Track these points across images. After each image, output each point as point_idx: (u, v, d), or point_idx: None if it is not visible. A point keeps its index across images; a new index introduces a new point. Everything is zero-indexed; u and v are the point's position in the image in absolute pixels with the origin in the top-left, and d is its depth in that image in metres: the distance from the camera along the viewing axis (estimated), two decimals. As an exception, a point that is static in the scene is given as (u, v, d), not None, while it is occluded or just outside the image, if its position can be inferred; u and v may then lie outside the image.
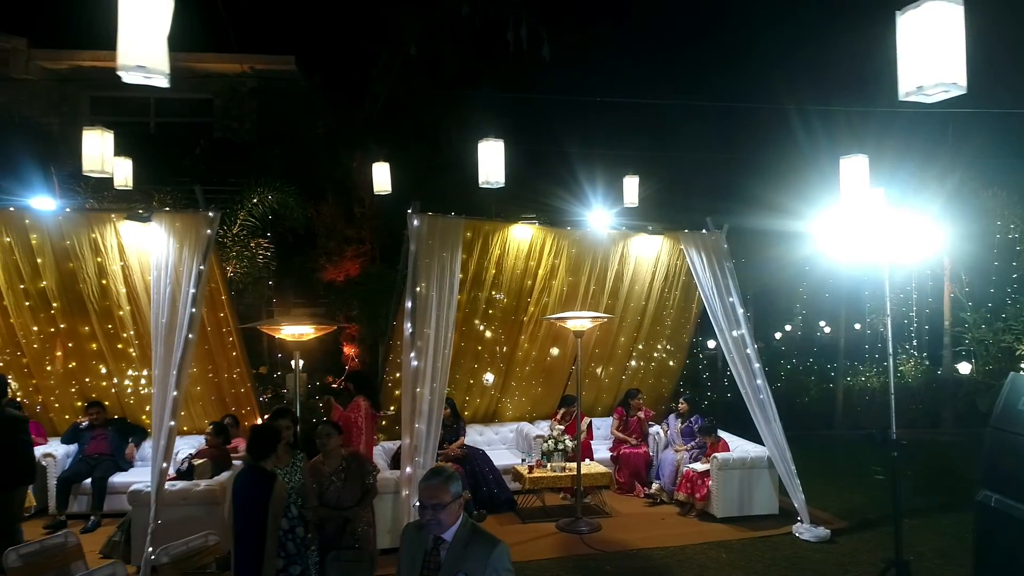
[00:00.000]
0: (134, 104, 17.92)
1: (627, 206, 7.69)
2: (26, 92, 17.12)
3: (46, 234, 7.22)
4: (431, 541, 2.90)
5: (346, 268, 14.23)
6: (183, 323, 6.44)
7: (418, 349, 6.94)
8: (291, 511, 4.20)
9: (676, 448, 8.68)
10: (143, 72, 2.38)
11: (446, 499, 2.80)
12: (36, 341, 7.73)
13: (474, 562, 2.79)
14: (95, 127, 5.84)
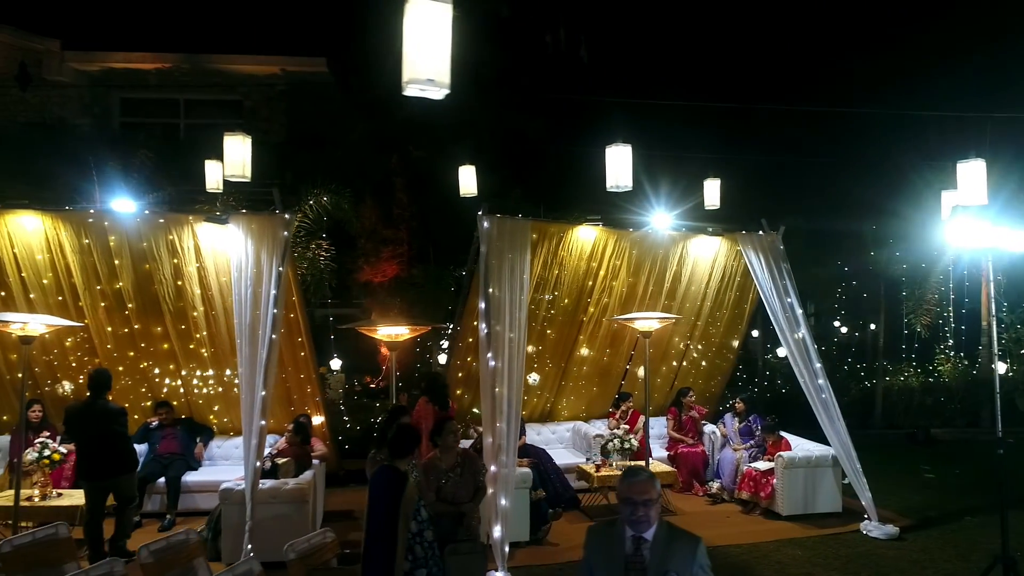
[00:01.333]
0: (164, 106, 18.00)
1: (708, 208, 7.79)
2: (58, 94, 17.18)
3: (124, 236, 7.30)
4: (630, 542, 2.95)
5: (383, 269, 14.31)
6: (266, 324, 6.54)
7: (495, 349, 7.04)
8: (421, 514, 4.28)
9: (735, 447, 8.77)
10: (432, 85, 2.44)
11: (655, 495, 2.89)
12: (110, 341, 7.82)
13: (681, 559, 2.86)
14: (236, 132, 5.84)
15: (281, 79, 17.67)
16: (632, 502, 2.90)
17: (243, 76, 17.67)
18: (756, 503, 8.07)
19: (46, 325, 6.36)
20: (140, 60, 17.28)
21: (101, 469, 6.36)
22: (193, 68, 17.36)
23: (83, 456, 6.46)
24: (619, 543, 2.98)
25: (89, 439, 6.37)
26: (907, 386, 12.65)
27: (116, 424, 6.44)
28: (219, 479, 7.73)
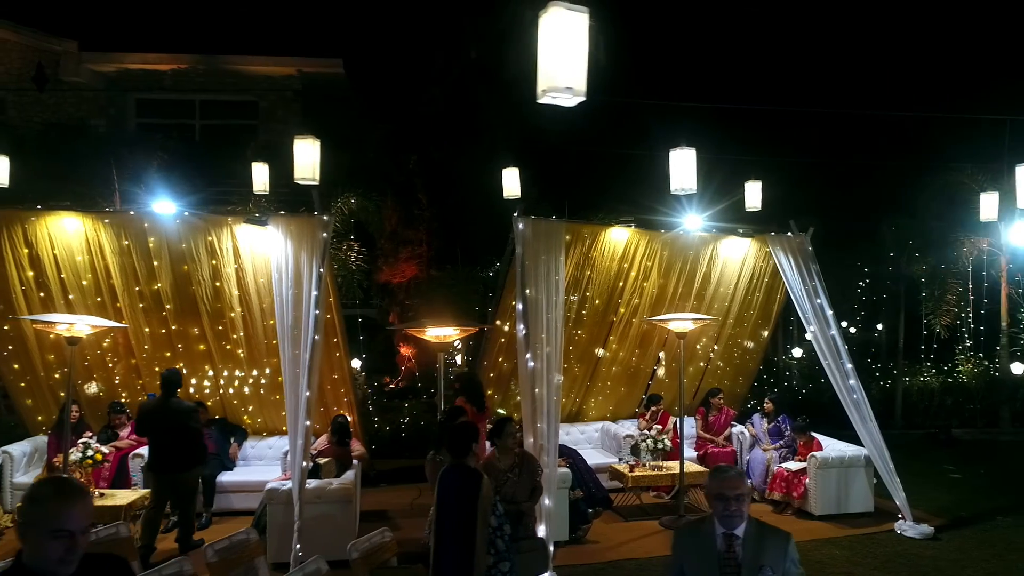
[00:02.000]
0: (179, 107, 18.02)
1: (749, 209, 7.84)
2: (74, 95, 17.22)
3: (163, 237, 7.35)
4: (721, 540, 3.00)
5: (401, 269, 14.36)
6: (308, 325, 6.57)
7: (534, 350, 7.09)
8: (498, 508, 4.32)
9: (764, 447, 8.82)
10: (570, 93, 2.48)
11: (746, 490, 2.94)
12: (147, 342, 7.86)
13: (773, 554, 2.92)
14: (306, 136, 5.86)
15: (297, 80, 17.71)
16: (725, 497, 2.95)
17: (259, 77, 17.71)
18: (788, 503, 8.12)
19: (91, 326, 6.41)
20: (156, 61, 17.32)
21: (172, 463, 6.60)
22: (209, 69, 17.40)
23: (156, 450, 6.70)
24: (710, 541, 3.03)
25: (163, 434, 6.60)
26: (926, 386, 12.71)
27: (190, 420, 6.72)
28: (253, 479, 7.84)
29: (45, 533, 2.08)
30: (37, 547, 2.10)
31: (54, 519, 2.08)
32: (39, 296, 7.51)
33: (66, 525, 2.09)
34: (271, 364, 8.08)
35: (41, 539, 2.08)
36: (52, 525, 2.08)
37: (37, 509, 2.13)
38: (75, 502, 2.14)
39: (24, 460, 7.80)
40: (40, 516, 2.10)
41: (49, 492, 2.17)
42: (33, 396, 8.11)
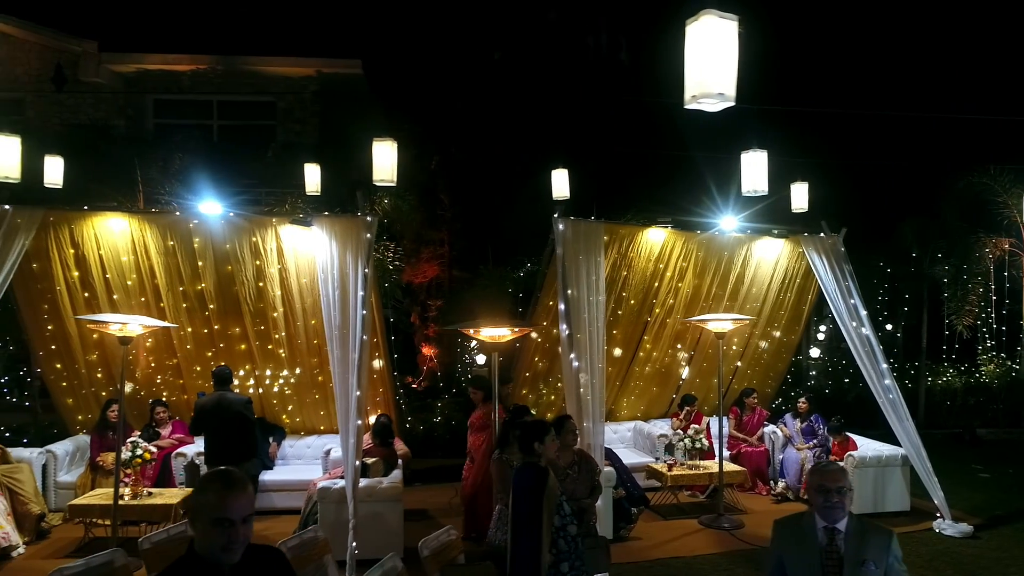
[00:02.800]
0: (197, 107, 18.05)
1: (796, 211, 7.89)
2: (92, 95, 17.27)
3: (208, 238, 7.40)
4: (823, 533, 3.06)
5: (423, 270, 14.41)
6: (356, 325, 6.62)
7: (578, 350, 7.15)
8: (564, 508, 4.36)
9: (798, 447, 8.86)
10: (722, 99, 2.53)
11: (847, 484, 3.00)
12: (190, 341, 7.91)
13: (876, 550, 2.97)
14: (384, 138, 5.89)
15: (315, 80, 17.75)
16: (827, 490, 3.01)
17: (277, 77, 17.76)
18: (825, 502, 8.16)
19: (142, 326, 6.45)
20: (176, 62, 17.37)
21: (230, 455, 6.70)
22: (228, 70, 17.45)
23: (213, 443, 6.91)
24: (811, 535, 3.09)
25: (221, 427, 6.82)
26: (949, 386, 12.77)
27: (246, 411, 6.95)
28: (295, 478, 7.91)
29: (209, 522, 2.18)
30: (203, 535, 2.19)
31: (216, 508, 2.18)
32: (83, 296, 7.56)
33: (227, 514, 2.17)
34: (311, 364, 8.14)
35: (206, 527, 2.18)
36: (215, 514, 2.17)
37: (202, 499, 2.22)
38: (236, 492, 2.22)
39: (67, 459, 7.86)
40: (204, 505, 2.20)
41: (212, 482, 2.27)
42: (74, 395, 8.16)
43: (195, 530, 2.24)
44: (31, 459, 7.42)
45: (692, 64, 2.50)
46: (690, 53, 2.50)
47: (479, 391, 7.43)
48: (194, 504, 2.26)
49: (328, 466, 7.78)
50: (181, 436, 8.03)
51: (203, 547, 2.20)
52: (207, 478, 2.34)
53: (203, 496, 2.23)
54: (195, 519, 2.23)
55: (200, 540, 2.21)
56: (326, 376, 8.27)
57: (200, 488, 2.30)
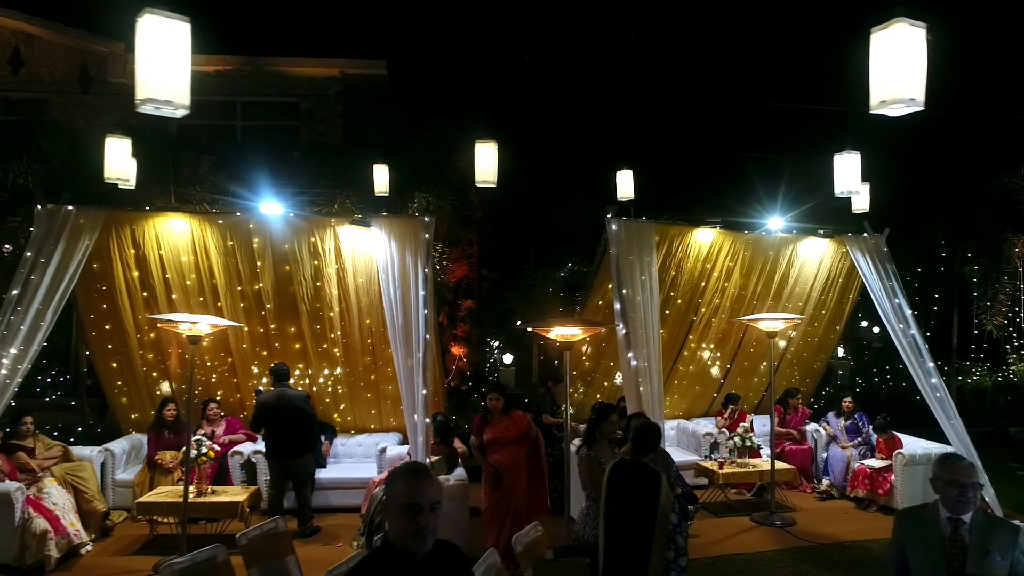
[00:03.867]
0: (221, 108, 18.09)
1: (856, 212, 7.97)
2: (117, 96, 17.32)
3: (268, 238, 7.47)
4: (947, 524, 3.13)
5: (452, 270, 14.46)
6: (419, 325, 6.69)
7: (636, 349, 7.23)
8: (677, 506, 4.43)
9: (842, 445, 8.94)
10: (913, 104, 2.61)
11: (978, 478, 3.08)
12: (246, 341, 7.98)
13: (1002, 542, 3.05)
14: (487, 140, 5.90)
15: (339, 81, 17.82)
16: (960, 484, 3.09)
17: (300, 78, 17.83)
18: (873, 500, 8.24)
19: (211, 325, 6.52)
20: (203, 63, 17.39)
21: (290, 449, 7.00)
22: (254, 71, 17.51)
23: (274, 438, 7.05)
24: (935, 526, 3.16)
25: (282, 422, 6.97)
26: (979, 385, 12.85)
27: (306, 406, 7.12)
28: (349, 476, 7.99)
29: (399, 509, 2.24)
30: (395, 523, 2.26)
31: (405, 495, 2.25)
32: (142, 296, 7.63)
33: (416, 499, 2.24)
34: (364, 363, 8.20)
35: (397, 515, 2.25)
36: (404, 501, 2.24)
37: (393, 488, 2.30)
38: (424, 479, 2.30)
39: (124, 458, 7.92)
40: (395, 494, 2.27)
41: (402, 472, 2.35)
42: (129, 395, 8.23)
43: (389, 519, 2.31)
44: (91, 457, 7.48)
45: (879, 70, 2.57)
46: (876, 59, 2.57)
47: (501, 398, 6.41)
48: (387, 493, 2.33)
49: (385, 464, 7.84)
50: (240, 435, 8.08)
51: (396, 536, 2.27)
52: (397, 471, 2.41)
53: (393, 486, 2.30)
54: (388, 508, 2.31)
55: (393, 529, 2.28)
56: (378, 375, 8.35)
57: (390, 480, 2.37)
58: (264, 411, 7.14)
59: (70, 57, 17.18)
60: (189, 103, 2.80)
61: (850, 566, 6.51)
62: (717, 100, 12.09)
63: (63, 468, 7.07)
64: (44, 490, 6.57)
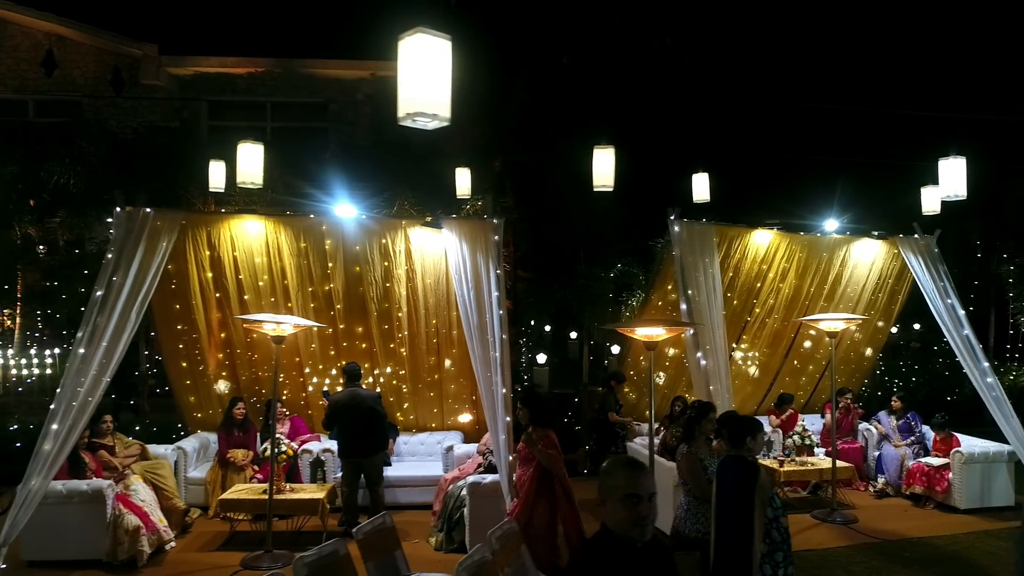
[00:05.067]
0: (251, 109, 18.22)
1: (927, 213, 8.10)
2: (149, 98, 17.44)
3: (340, 240, 7.59)
4: None
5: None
6: (494, 325, 6.81)
7: (704, 349, 7.35)
8: (776, 500, 4.54)
9: (896, 444, 9.06)
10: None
11: None
12: (315, 341, 8.10)
13: None
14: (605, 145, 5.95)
15: (368, 83, 17.95)
16: None
17: (331, 80, 17.94)
18: (930, 497, 8.36)
19: (294, 326, 6.64)
20: (234, 64, 17.54)
21: (362, 448, 7.11)
22: (285, 72, 17.62)
23: (347, 437, 7.17)
24: None
25: (355, 421, 7.09)
26: (1015, 385, 12.95)
27: (377, 406, 7.22)
28: (416, 474, 8.12)
29: (620, 499, 2.36)
30: (615, 513, 2.37)
31: (626, 486, 2.37)
32: (215, 296, 7.75)
33: (636, 490, 2.36)
34: (429, 362, 8.32)
35: (617, 505, 2.36)
36: (625, 491, 2.36)
37: (612, 480, 2.41)
38: (642, 471, 2.43)
39: (194, 456, 8.04)
40: (614, 485, 2.39)
41: (620, 464, 2.48)
42: (196, 394, 8.35)
43: (607, 510, 2.41)
44: (165, 455, 7.60)
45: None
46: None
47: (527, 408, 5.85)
48: (605, 486, 2.44)
49: (452, 463, 7.97)
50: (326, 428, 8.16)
51: (617, 524, 2.38)
52: (614, 463, 2.52)
53: (612, 478, 2.42)
54: (606, 499, 2.41)
55: (612, 519, 2.39)
56: (442, 374, 8.48)
57: (608, 472, 2.48)
58: (337, 410, 7.25)
59: (102, 59, 17.29)
60: (450, 115, 2.90)
61: (923, 562, 6.63)
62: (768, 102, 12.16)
63: (142, 466, 7.20)
64: (131, 487, 6.70)
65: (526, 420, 5.86)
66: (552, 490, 5.69)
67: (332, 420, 7.32)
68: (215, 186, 7.23)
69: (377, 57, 17.69)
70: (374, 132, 18.16)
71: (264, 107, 18.31)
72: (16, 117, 17.18)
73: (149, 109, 17.64)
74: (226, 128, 17.82)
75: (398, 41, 2.95)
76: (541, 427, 5.76)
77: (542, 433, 5.71)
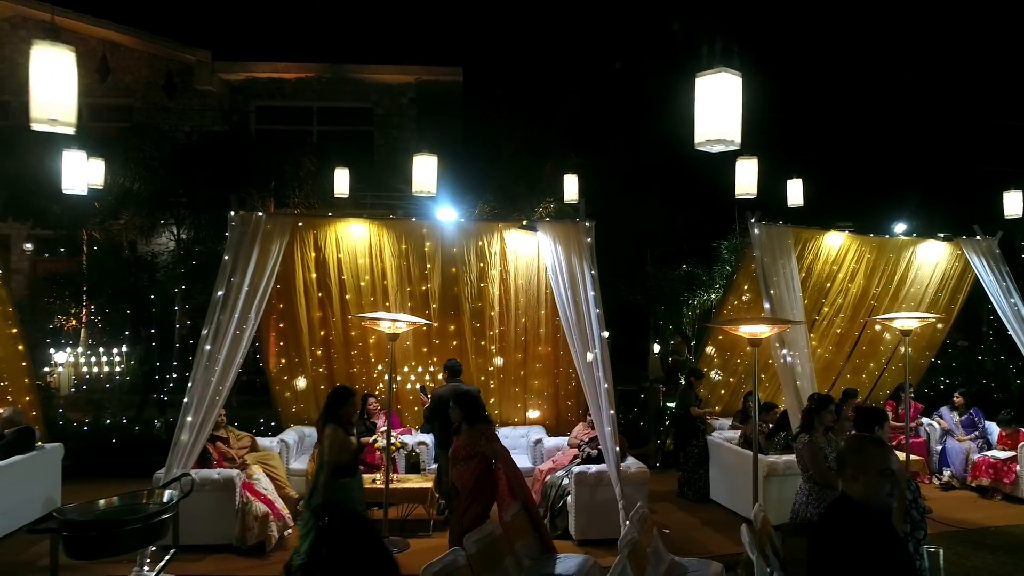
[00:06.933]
0: (298, 113, 18.63)
1: (1009, 217, 8.44)
2: (199, 102, 17.87)
3: (439, 242, 7.96)
4: None
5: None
6: (592, 323, 7.16)
7: (788, 346, 7.70)
8: (912, 484, 4.88)
9: (959, 438, 9.39)
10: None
11: None
12: (409, 338, 8.46)
13: None
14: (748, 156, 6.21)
15: (413, 88, 18.34)
16: None
17: (377, 84, 18.33)
18: (997, 489, 8.69)
19: (407, 324, 7.01)
20: (284, 70, 17.97)
21: None
22: (334, 77, 18.03)
23: (447, 430, 7.27)
24: None
25: None
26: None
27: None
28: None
29: (874, 474, 2.71)
30: (871, 487, 2.72)
31: (883, 462, 2.74)
32: (318, 296, 8.13)
33: (890, 466, 2.73)
34: (516, 359, 8.68)
35: (875, 478, 2.71)
36: (882, 466, 2.72)
37: (866, 458, 2.77)
38: (889, 450, 2.80)
39: (295, 448, 8.42)
40: (872, 462, 2.74)
41: (869, 443, 2.89)
42: (292, 389, 8.72)
43: (857, 483, 2.75)
44: (270, 447, 7.98)
45: None
46: None
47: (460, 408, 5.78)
48: (856, 463, 2.78)
49: (540, 455, 8.33)
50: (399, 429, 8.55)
51: (872, 496, 2.72)
52: (860, 442, 2.90)
53: (867, 455, 2.76)
54: (859, 475, 2.74)
55: (866, 491, 2.73)
56: (528, 371, 8.84)
57: (857, 450, 2.83)
58: (439, 404, 7.60)
59: (155, 65, 17.72)
60: (739, 140, 3.26)
61: (1007, 549, 6.96)
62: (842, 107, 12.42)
63: (255, 457, 7.57)
64: (253, 476, 7.07)
65: (458, 420, 5.74)
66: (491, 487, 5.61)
67: (434, 414, 7.68)
68: (339, 192, 7.61)
69: (423, 62, 18.13)
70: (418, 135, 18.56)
71: (311, 112, 18.75)
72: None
73: (199, 113, 18.07)
74: (274, 132, 18.27)
75: (696, 77, 3.29)
76: (478, 424, 5.67)
77: (483, 428, 5.67)
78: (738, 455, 7.97)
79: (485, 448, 5.58)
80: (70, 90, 3.56)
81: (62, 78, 3.54)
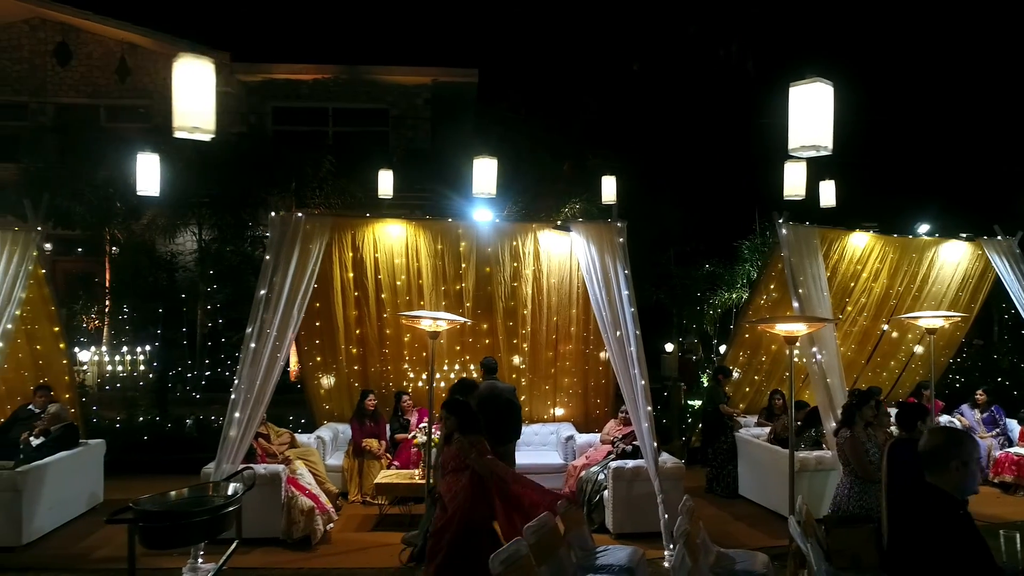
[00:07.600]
0: (314, 114, 18.75)
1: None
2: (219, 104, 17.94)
3: (474, 242, 8.11)
4: None
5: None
6: (627, 322, 7.30)
7: (819, 344, 7.84)
8: None
9: (981, 436, 9.54)
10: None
11: None
12: (443, 336, 8.59)
13: None
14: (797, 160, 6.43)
15: (428, 89, 18.48)
16: None
17: (392, 86, 18.46)
18: (1020, 485, 8.84)
19: (448, 322, 7.16)
20: (302, 71, 18.10)
21: (499, 436, 7.37)
22: (351, 78, 18.16)
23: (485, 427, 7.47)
24: None
25: (494, 411, 7.38)
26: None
27: (514, 398, 7.62)
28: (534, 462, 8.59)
29: (963, 463, 2.86)
30: (962, 475, 2.86)
31: (970, 452, 2.89)
32: (354, 295, 8.28)
33: (976, 456, 2.88)
34: (547, 357, 8.83)
35: (964, 469, 2.86)
36: (968, 457, 2.87)
37: (965, 448, 2.91)
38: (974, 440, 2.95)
39: (331, 444, 8.56)
40: (966, 451, 2.90)
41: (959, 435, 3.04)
42: (324, 386, 8.86)
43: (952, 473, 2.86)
44: (308, 443, 8.13)
45: None
46: None
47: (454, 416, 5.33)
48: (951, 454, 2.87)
49: (571, 451, 8.48)
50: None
51: (966, 484, 2.88)
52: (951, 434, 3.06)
53: (965, 447, 2.90)
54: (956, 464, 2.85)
55: (956, 480, 2.87)
56: (558, 369, 8.99)
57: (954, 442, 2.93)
58: (478, 401, 7.75)
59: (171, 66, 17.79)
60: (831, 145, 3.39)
61: (1036, 542, 7.10)
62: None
63: (295, 453, 7.72)
64: (297, 471, 7.22)
65: (453, 428, 5.29)
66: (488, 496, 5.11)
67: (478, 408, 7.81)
68: (383, 193, 7.75)
69: (439, 63, 18.27)
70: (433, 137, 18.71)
71: (326, 112, 18.88)
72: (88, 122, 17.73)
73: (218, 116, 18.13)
74: (290, 133, 18.39)
75: (790, 87, 3.43)
76: (470, 434, 5.20)
77: (475, 439, 5.18)
78: (768, 451, 8.11)
79: (474, 462, 5.03)
80: (209, 99, 3.75)
81: (202, 88, 3.72)
